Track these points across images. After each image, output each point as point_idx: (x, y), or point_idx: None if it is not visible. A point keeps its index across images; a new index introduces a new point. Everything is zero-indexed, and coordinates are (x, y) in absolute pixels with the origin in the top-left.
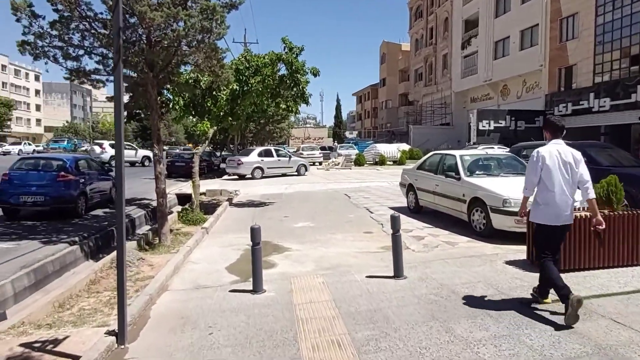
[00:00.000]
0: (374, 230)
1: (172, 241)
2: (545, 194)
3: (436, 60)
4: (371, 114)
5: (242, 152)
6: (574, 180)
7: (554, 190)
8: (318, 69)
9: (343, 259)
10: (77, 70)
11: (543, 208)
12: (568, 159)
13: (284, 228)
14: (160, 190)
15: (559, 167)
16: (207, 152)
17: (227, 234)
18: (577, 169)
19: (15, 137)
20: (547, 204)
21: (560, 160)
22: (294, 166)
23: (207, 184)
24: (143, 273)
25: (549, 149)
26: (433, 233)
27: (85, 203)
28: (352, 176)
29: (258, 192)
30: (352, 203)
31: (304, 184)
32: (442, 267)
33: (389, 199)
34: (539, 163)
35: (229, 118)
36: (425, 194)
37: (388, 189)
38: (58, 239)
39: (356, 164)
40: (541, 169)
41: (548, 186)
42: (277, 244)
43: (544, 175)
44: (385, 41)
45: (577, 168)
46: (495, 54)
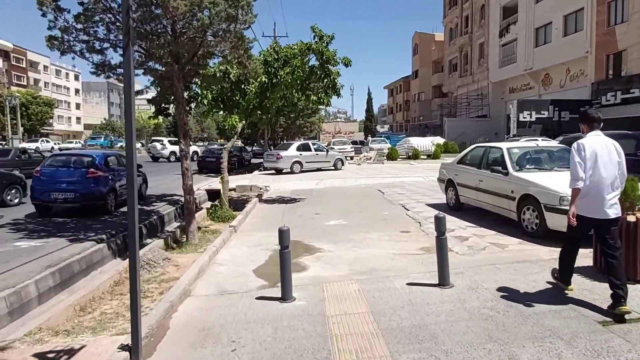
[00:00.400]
0: (412, 230)
1: (200, 239)
2: (586, 186)
3: (472, 49)
4: (403, 107)
5: (280, 147)
6: (615, 171)
7: (595, 182)
8: (350, 59)
9: (379, 262)
10: (103, 64)
11: (583, 200)
12: (610, 150)
13: (315, 226)
14: (187, 186)
15: (600, 159)
16: (238, 147)
17: (255, 232)
18: (619, 159)
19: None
20: (587, 196)
21: (602, 151)
22: (331, 160)
23: (237, 179)
24: (168, 274)
25: (589, 140)
26: (478, 233)
27: (114, 199)
28: (384, 171)
29: (288, 187)
30: (386, 199)
31: (335, 179)
32: (494, 274)
33: (425, 195)
34: (582, 154)
35: (257, 112)
36: (467, 190)
37: (424, 185)
38: (86, 236)
39: (389, 159)
40: (585, 160)
41: (589, 178)
42: (308, 244)
43: (589, 167)
44: (418, 32)
45: (619, 158)
46: (536, 41)
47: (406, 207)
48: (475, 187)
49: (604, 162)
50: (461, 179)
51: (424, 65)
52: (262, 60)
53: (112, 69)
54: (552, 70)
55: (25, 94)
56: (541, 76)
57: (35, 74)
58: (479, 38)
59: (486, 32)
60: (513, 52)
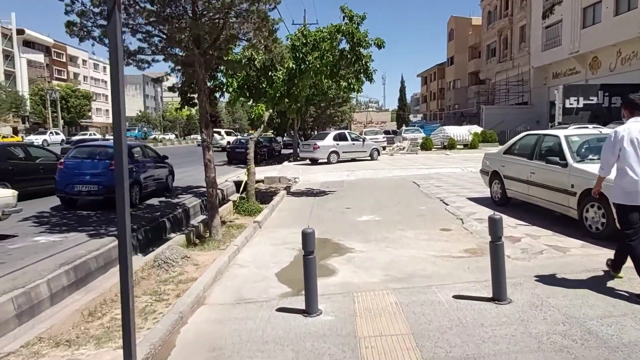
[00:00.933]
0: (453, 227)
1: (224, 235)
2: (624, 174)
3: (512, 33)
4: (437, 95)
5: (317, 136)
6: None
7: (631, 169)
8: (383, 40)
9: (419, 266)
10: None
11: (623, 188)
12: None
13: (346, 222)
14: (210, 179)
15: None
16: (268, 137)
17: (281, 228)
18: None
19: (96, 127)
20: (626, 183)
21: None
22: (367, 150)
23: (266, 170)
24: (187, 274)
25: (628, 126)
26: (531, 233)
27: (139, 192)
28: (419, 161)
29: (318, 179)
30: (422, 192)
31: (367, 170)
32: (559, 286)
33: (464, 187)
34: (617, 142)
35: (285, 100)
36: (516, 183)
37: (462, 176)
38: (106, 231)
39: (423, 149)
40: (620, 148)
41: (627, 166)
42: (338, 242)
43: (623, 155)
44: (454, 16)
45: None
46: (583, 22)
47: (445, 202)
48: (525, 180)
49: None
50: (509, 170)
51: (460, 51)
52: (290, 46)
53: (130, 56)
54: (600, 53)
55: (64, 88)
56: (588, 59)
57: (74, 68)
58: (520, 20)
59: (528, 13)
60: (557, 34)
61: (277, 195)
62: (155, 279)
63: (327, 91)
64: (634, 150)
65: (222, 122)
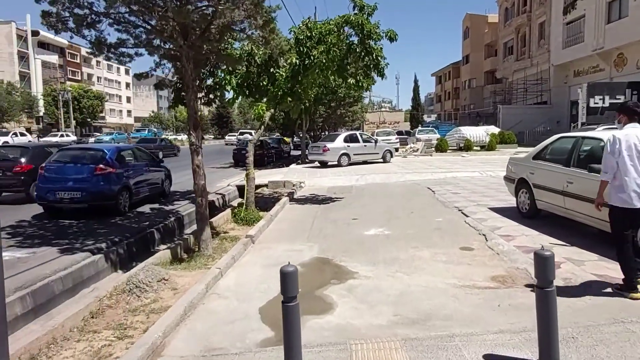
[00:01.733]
0: (475, 246)
1: (215, 249)
2: (621, 178)
3: (531, 30)
4: (452, 94)
5: (326, 138)
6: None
7: (629, 174)
8: (395, 32)
9: (437, 302)
10: (99, 42)
11: (619, 191)
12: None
13: (350, 236)
14: (199, 187)
15: (637, 151)
16: (277, 138)
17: (277, 243)
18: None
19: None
20: (623, 187)
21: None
22: (379, 152)
23: (271, 174)
24: (161, 301)
25: (625, 132)
26: (572, 257)
27: (128, 199)
28: (434, 164)
29: (325, 183)
30: (438, 200)
31: (378, 174)
32: (631, 344)
33: (485, 195)
34: (616, 146)
35: (288, 98)
36: (549, 193)
37: (481, 182)
38: (82, 245)
39: (437, 150)
40: (619, 152)
41: (624, 170)
42: (340, 264)
43: (621, 160)
44: (469, 13)
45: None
46: (608, 16)
47: (464, 213)
48: (561, 191)
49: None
50: (539, 179)
51: (475, 50)
52: (294, 39)
53: (110, 49)
54: (627, 49)
55: (77, 88)
56: (613, 56)
57: (88, 69)
58: (539, 17)
59: (548, 9)
60: (580, 30)
61: (279, 203)
62: (124, 308)
63: (337, 90)
64: (631, 156)
65: (234, 122)
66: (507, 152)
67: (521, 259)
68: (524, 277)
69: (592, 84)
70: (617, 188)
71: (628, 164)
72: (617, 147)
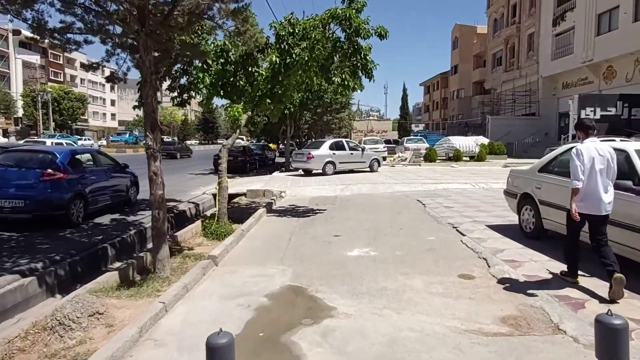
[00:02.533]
0: (475, 272)
1: (175, 270)
2: (584, 188)
3: (520, 41)
4: (440, 104)
5: (311, 145)
6: (609, 174)
7: (591, 183)
8: (386, 29)
9: (434, 355)
10: (39, 25)
11: (582, 199)
12: (605, 155)
13: (331, 257)
14: (156, 198)
15: (596, 163)
16: (261, 145)
17: (245, 266)
18: (612, 165)
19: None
20: (586, 196)
21: (598, 156)
22: (366, 161)
23: (252, 181)
24: (89, 344)
25: (587, 146)
26: (594, 290)
27: (83, 208)
28: (423, 174)
29: (307, 193)
30: (429, 215)
31: (365, 184)
32: None
33: (480, 209)
34: (580, 158)
35: (267, 100)
36: (559, 212)
37: (474, 195)
38: (13, 264)
39: (426, 160)
40: (583, 163)
41: (587, 180)
42: (315, 295)
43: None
44: (458, 24)
45: (612, 163)
46: (598, 29)
47: (459, 230)
48: None
49: (600, 166)
50: (547, 194)
51: (464, 60)
52: (274, 36)
53: (53, 34)
54: (616, 62)
55: (57, 89)
56: (602, 69)
57: (71, 70)
58: (529, 28)
59: (537, 21)
60: (569, 42)
61: (254, 214)
62: (41, 352)
63: (323, 95)
64: (591, 167)
65: (220, 128)
66: (497, 163)
67: (534, 294)
68: (542, 320)
69: (584, 96)
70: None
71: (587, 174)
72: (582, 158)
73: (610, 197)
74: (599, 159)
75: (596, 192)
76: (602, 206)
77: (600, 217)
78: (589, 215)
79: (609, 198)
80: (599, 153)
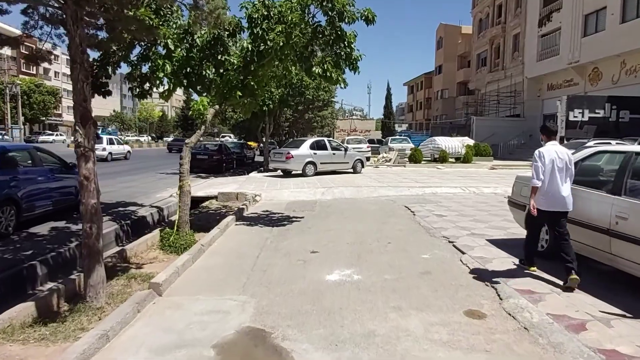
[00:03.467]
0: (485, 307)
1: (114, 296)
2: (543, 186)
3: (505, 41)
4: (424, 104)
5: (290, 144)
6: (568, 174)
7: (551, 182)
8: (374, 13)
9: None
10: None
11: (543, 197)
12: (563, 157)
13: (304, 286)
14: (88, 208)
15: (556, 164)
16: (239, 143)
17: (196, 296)
18: (570, 166)
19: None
20: (546, 194)
21: (558, 158)
22: (349, 162)
23: (226, 182)
24: None
25: (547, 148)
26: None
27: (15, 216)
28: (409, 177)
29: (284, 197)
30: (420, 226)
31: (347, 187)
32: None
33: (477, 219)
34: (542, 159)
35: (237, 93)
36: (584, 230)
37: (465, 200)
38: None
39: (411, 161)
40: (544, 164)
41: (546, 180)
42: (281, 345)
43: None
44: (443, 24)
45: (570, 165)
46: (584, 30)
47: (457, 246)
48: (606, 230)
49: (559, 167)
50: None
51: (448, 60)
52: (246, 18)
53: None
54: (602, 64)
55: (27, 82)
56: (588, 71)
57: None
58: (514, 28)
59: (523, 21)
60: (555, 43)
61: (221, 223)
62: None
63: (304, 91)
64: (552, 168)
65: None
66: (484, 165)
67: (571, 347)
68: None
69: (572, 97)
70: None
71: (548, 175)
72: (543, 159)
73: (568, 194)
74: (559, 161)
75: (558, 191)
76: (563, 203)
77: (561, 213)
78: (552, 212)
79: (568, 195)
80: (558, 155)
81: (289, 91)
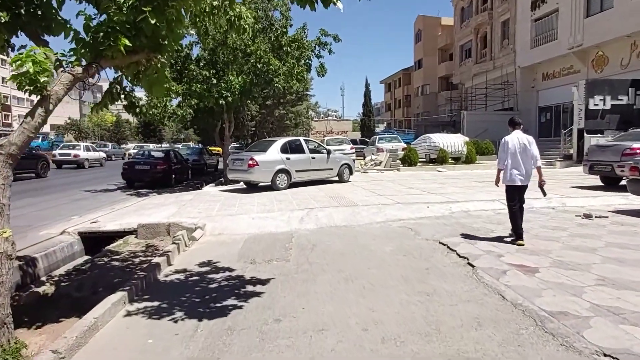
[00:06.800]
0: None
1: None
2: (510, 167)
3: (492, 29)
4: (403, 102)
5: (254, 146)
6: (529, 156)
7: (515, 163)
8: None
9: None
10: None
11: (509, 176)
12: (523, 142)
13: None
14: None
15: (518, 148)
16: (197, 148)
17: None
18: (529, 148)
19: None
20: (511, 172)
21: (519, 144)
22: (334, 168)
23: (162, 204)
24: None
25: (511, 137)
26: None
27: None
28: (412, 184)
29: (241, 228)
30: (498, 297)
31: (337, 206)
32: None
33: (606, 275)
34: (505, 146)
35: (123, 41)
36: None
37: (528, 222)
38: None
39: (405, 163)
40: (507, 150)
41: (511, 161)
42: None
43: (509, 155)
44: (421, 15)
45: (529, 147)
46: (587, 9)
47: None
48: None
49: (519, 151)
50: None
51: (428, 54)
52: None
53: None
54: (608, 47)
55: None
56: (592, 55)
57: None
58: (502, 14)
59: (512, 5)
60: (551, 27)
61: (96, 309)
62: None
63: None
64: (514, 152)
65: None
66: (491, 166)
67: None
68: None
69: (592, 81)
70: (508, 173)
71: (511, 157)
72: (506, 147)
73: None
74: (520, 146)
75: (517, 170)
76: (521, 178)
77: (523, 187)
78: (516, 186)
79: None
80: (519, 141)
81: (252, 79)
